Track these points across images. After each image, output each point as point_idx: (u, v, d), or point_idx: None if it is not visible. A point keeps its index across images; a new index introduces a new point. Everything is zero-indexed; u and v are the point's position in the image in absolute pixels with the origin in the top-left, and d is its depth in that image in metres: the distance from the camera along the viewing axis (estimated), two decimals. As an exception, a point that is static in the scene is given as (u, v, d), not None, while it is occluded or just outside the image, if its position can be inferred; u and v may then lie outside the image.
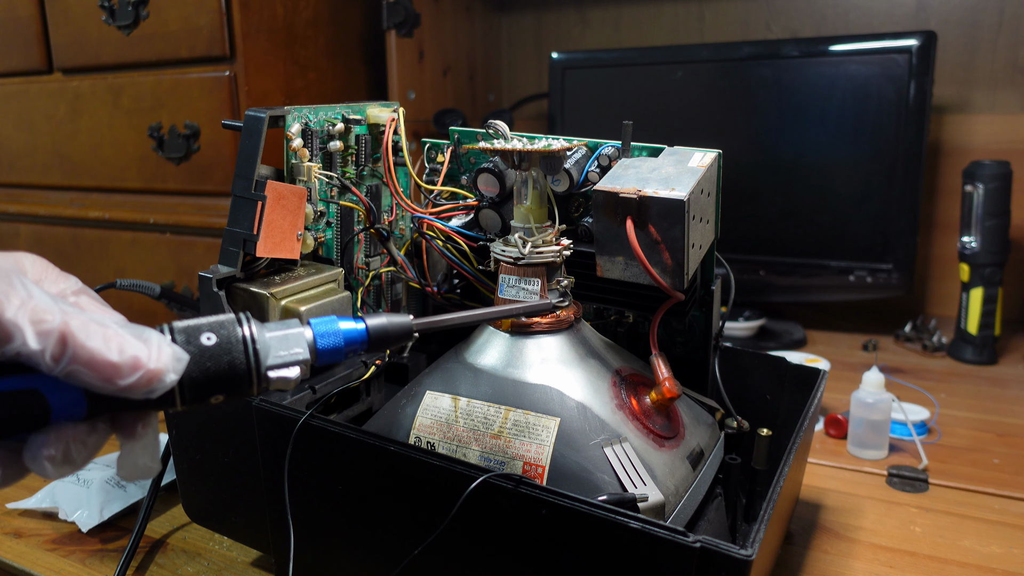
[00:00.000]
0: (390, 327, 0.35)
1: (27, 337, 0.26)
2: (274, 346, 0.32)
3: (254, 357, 0.31)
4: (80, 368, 0.27)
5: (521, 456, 0.47)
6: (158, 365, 0.28)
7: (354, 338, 0.34)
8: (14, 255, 0.31)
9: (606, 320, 0.62)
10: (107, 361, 0.27)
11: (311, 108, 0.57)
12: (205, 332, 0.31)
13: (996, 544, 0.61)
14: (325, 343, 0.34)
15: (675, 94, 1.15)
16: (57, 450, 0.28)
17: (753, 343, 1.09)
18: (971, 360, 1.03)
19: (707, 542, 0.37)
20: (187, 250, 1.11)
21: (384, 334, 0.35)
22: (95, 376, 0.28)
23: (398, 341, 0.36)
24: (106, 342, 0.28)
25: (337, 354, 0.34)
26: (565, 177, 0.54)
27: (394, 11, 1.16)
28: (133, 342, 0.28)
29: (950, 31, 1.16)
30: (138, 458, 0.31)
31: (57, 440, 0.29)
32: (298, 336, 0.33)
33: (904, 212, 1.04)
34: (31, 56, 1.19)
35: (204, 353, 0.30)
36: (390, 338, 0.36)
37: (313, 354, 0.33)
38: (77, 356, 0.27)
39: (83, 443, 0.29)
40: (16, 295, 0.27)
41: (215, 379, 0.30)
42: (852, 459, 0.76)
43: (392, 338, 0.36)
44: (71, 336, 0.27)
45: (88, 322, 0.28)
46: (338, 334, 0.34)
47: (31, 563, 0.60)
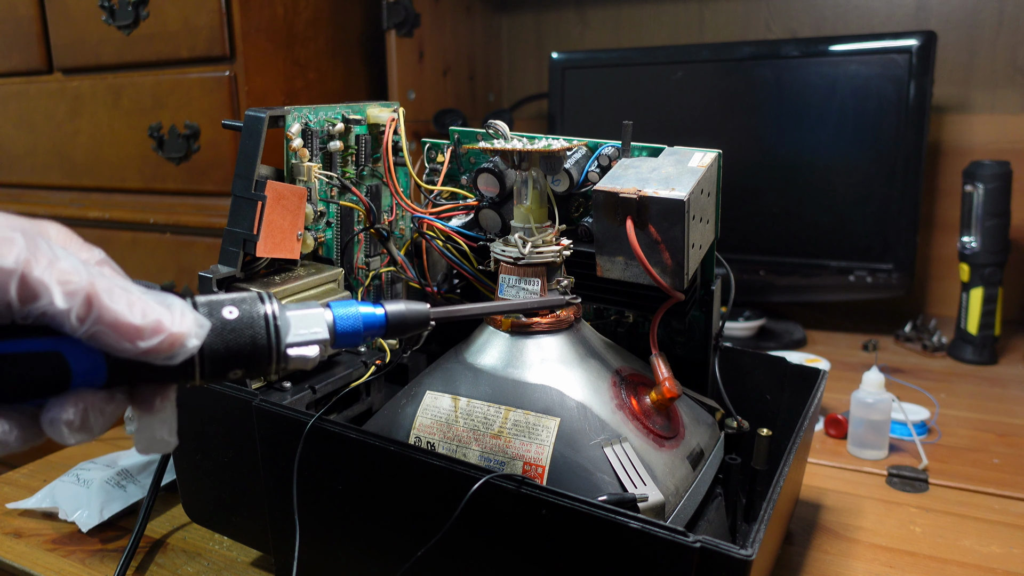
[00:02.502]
0: (408, 314, 0.36)
1: (54, 296, 0.27)
2: (295, 324, 0.33)
3: (275, 334, 0.31)
4: (104, 329, 0.28)
5: (521, 456, 0.47)
6: (180, 329, 0.29)
7: (373, 322, 0.35)
8: (39, 222, 0.31)
9: (606, 320, 0.62)
10: (130, 323, 0.28)
11: (311, 108, 0.57)
12: (227, 306, 0.31)
13: (996, 544, 0.61)
14: (344, 325, 0.34)
15: (675, 94, 1.15)
16: (75, 415, 0.29)
17: (753, 343, 1.09)
18: (971, 360, 1.03)
19: (707, 542, 0.37)
20: (187, 250, 1.11)
21: (402, 320, 0.36)
22: (118, 338, 0.28)
23: (415, 328, 0.36)
24: (130, 305, 0.28)
25: (355, 337, 0.34)
26: (565, 177, 0.54)
27: (394, 11, 1.16)
28: (156, 307, 0.29)
29: (950, 31, 1.16)
30: (156, 431, 0.31)
31: (76, 405, 0.29)
32: (318, 317, 0.33)
33: (904, 212, 1.04)
34: (31, 56, 1.19)
35: (226, 326, 0.31)
36: (408, 324, 0.36)
37: (332, 335, 0.34)
38: (102, 317, 0.27)
39: (101, 411, 0.30)
40: (43, 255, 0.27)
41: (236, 353, 0.31)
42: (852, 459, 0.76)
43: (410, 325, 0.36)
44: (96, 297, 0.27)
45: (113, 286, 0.28)
46: (357, 317, 0.34)
47: (31, 563, 0.60)
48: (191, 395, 0.54)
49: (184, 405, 0.55)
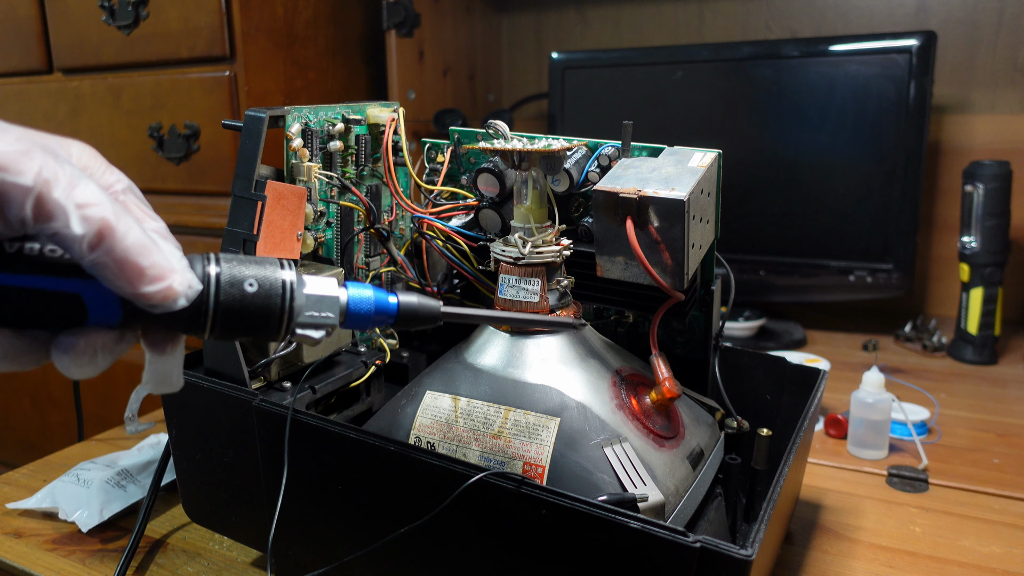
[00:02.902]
0: (420, 307, 0.36)
1: (71, 220, 0.27)
2: (309, 305, 0.33)
3: (288, 313, 0.32)
4: (109, 262, 0.28)
5: (521, 456, 0.47)
6: (176, 287, 0.29)
7: (384, 309, 0.36)
8: (63, 140, 0.30)
9: (606, 320, 0.62)
10: (136, 264, 0.28)
11: (311, 108, 0.57)
12: (249, 279, 0.32)
13: (996, 544, 0.61)
14: (356, 309, 0.35)
15: (675, 94, 1.15)
16: (84, 352, 0.29)
17: (753, 343, 1.09)
18: (971, 360, 1.03)
19: (707, 542, 0.37)
20: (187, 250, 1.11)
21: (413, 312, 0.36)
22: (119, 275, 0.28)
23: (424, 323, 0.37)
24: (140, 246, 0.28)
25: (365, 321, 0.35)
26: (565, 177, 0.54)
27: (394, 11, 1.16)
28: (164, 255, 0.29)
29: (950, 31, 1.16)
30: (165, 371, 0.32)
31: (87, 344, 0.29)
32: (333, 302, 0.34)
33: (904, 212, 1.04)
34: (31, 56, 1.19)
35: (245, 299, 0.31)
36: (418, 318, 0.37)
37: (342, 317, 0.35)
38: (112, 250, 0.27)
39: (110, 350, 0.30)
40: (64, 176, 0.27)
41: (248, 322, 0.32)
42: (852, 459, 0.76)
43: (420, 318, 0.37)
44: (111, 231, 0.27)
45: (131, 223, 0.28)
46: (370, 301, 0.35)
47: (31, 563, 0.60)
48: (191, 395, 0.54)
49: (184, 405, 0.55)
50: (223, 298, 0.31)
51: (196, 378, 0.53)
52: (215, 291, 0.31)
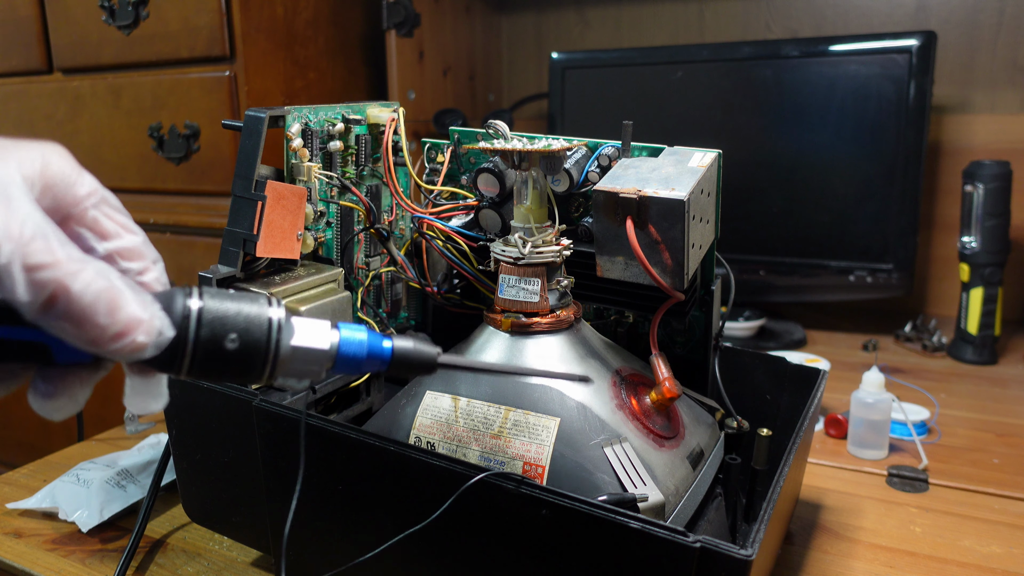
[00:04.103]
0: (415, 355, 0.35)
1: (16, 286, 0.24)
2: (295, 358, 0.32)
3: (269, 371, 0.31)
4: (65, 325, 0.25)
5: (521, 456, 0.47)
6: (146, 339, 0.27)
7: (377, 355, 0.34)
8: (28, 151, 0.28)
9: (606, 320, 0.62)
10: (95, 323, 0.26)
11: (311, 108, 0.57)
12: (231, 334, 0.30)
13: (996, 544, 0.61)
14: (347, 354, 0.33)
15: (675, 94, 1.15)
16: (63, 397, 0.28)
17: (753, 343, 1.09)
18: (971, 360, 1.03)
19: (707, 542, 0.37)
20: (187, 250, 1.11)
21: (407, 360, 0.35)
22: (77, 335, 0.26)
23: (419, 371, 0.35)
24: (98, 303, 0.26)
25: (355, 368, 0.34)
26: (565, 177, 0.54)
27: (394, 11, 1.16)
28: (130, 304, 0.27)
29: (950, 31, 1.16)
30: (144, 398, 0.31)
31: (64, 388, 0.28)
32: (320, 355, 0.32)
33: (904, 212, 1.04)
34: (31, 56, 1.19)
35: (223, 351, 0.30)
36: (412, 366, 0.35)
37: (331, 363, 0.33)
38: (66, 312, 0.25)
39: (87, 383, 0.29)
40: (15, 226, 0.24)
41: (225, 374, 0.30)
42: (852, 459, 0.76)
43: (414, 366, 0.35)
44: (64, 292, 0.25)
45: (89, 277, 0.26)
46: (362, 347, 0.33)
47: (31, 563, 0.60)
48: (191, 395, 0.54)
49: (184, 405, 0.55)
50: (200, 348, 0.29)
51: (196, 378, 0.53)
52: (193, 337, 0.29)
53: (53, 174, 0.28)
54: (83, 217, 0.29)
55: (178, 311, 0.29)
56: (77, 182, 0.29)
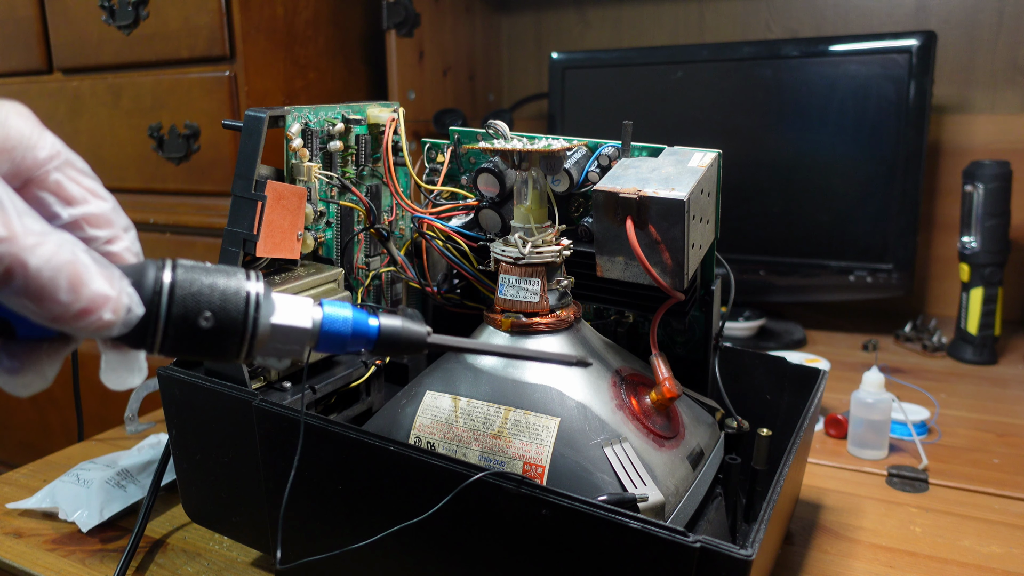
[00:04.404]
0: (402, 333, 0.33)
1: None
2: (274, 336, 0.30)
3: (247, 348, 0.29)
4: (24, 301, 0.24)
5: (521, 456, 0.47)
6: (112, 317, 0.26)
7: (361, 332, 0.32)
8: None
9: (606, 320, 0.62)
10: (56, 299, 0.24)
11: (311, 108, 0.57)
12: (206, 311, 0.28)
13: (996, 544, 0.61)
14: (330, 331, 0.32)
15: (675, 94, 1.15)
16: (30, 372, 0.27)
17: (753, 343, 1.09)
18: (971, 360, 1.03)
19: (707, 542, 0.37)
20: (187, 250, 1.11)
21: (395, 338, 0.33)
22: (38, 312, 0.24)
23: (408, 350, 0.34)
24: (59, 279, 0.24)
25: (340, 346, 0.32)
26: (565, 177, 0.54)
27: (394, 11, 1.16)
28: (95, 279, 0.25)
29: (950, 31, 1.16)
30: (120, 374, 0.30)
31: (31, 364, 0.27)
32: (301, 333, 0.31)
33: (904, 212, 1.04)
34: (31, 56, 1.19)
35: (197, 332, 0.28)
36: (400, 344, 0.33)
37: (313, 342, 0.31)
38: (24, 288, 0.24)
39: (55, 358, 0.28)
40: None
41: (200, 351, 0.29)
42: (852, 459, 0.76)
43: (402, 345, 0.33)
44: (21, 266, 0.23)
45: (49, 251, 0.24)
46: (347, 324, 0.32)
47: (31, 563, 0.60)
48: (191, 395, 0.54)
49: (184, 405, 0.55)
50: (172, 323, 0.28)
51: (196, 378, 0.53)
52: (165, 313, 0.27)
53: (10, 136, 0.26)
54: (45, 181, 0.27)
55: (149, 286, 0.27)
56: (38, 144, 0.27)
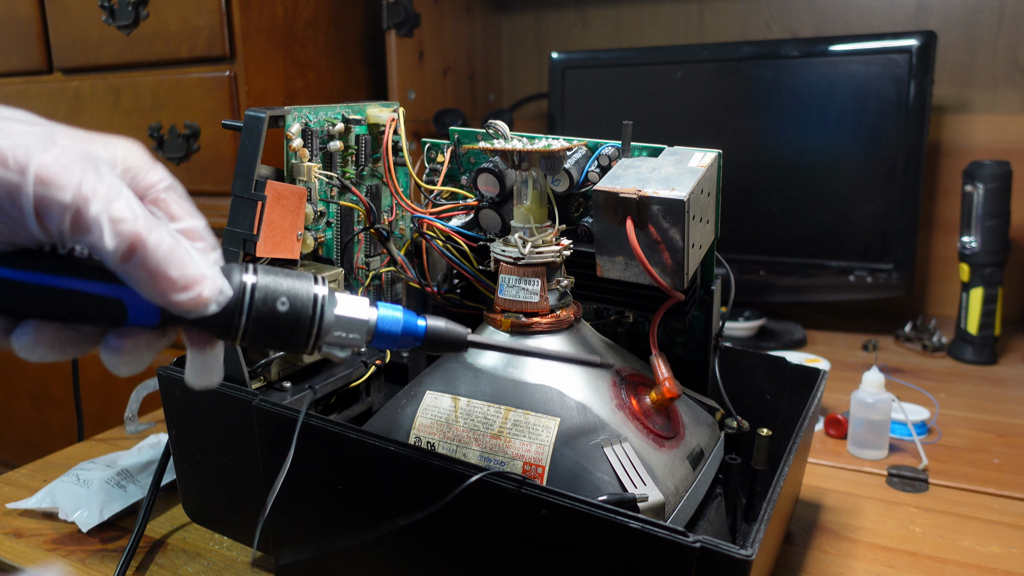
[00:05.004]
0: (447, 334, 0.38)
1: (104, 235, 0.28)
2: (338, 325, 0.35)
3: (317, 332, 0.34)
4: (141, 273, 0.29)
5: (521, 456, 0.47)
6: (207, 294, 0.31)
7: (411, 332, 0.37)
8: (110, 142, 0.32)
9: (606, 320, 0.62)
10: (166, 274, 0.30)
11: (311, 108, 0.57)
12: (282, 298, 0.33)
13: (996, 544, 0.61)
14: (384, 330, 0.36)
15: (675, 94, 1.15)
16: (131, 352, 0.32)
17: (753, 343, 1.09)
18: (971, 360, 1.03)
19: (707, 542, 0.37)
20: (187, 250, 1.11)
21: (440, 338, 0.38)
22: (151, 284, 0.30)
23: (450, 348, 0.38)
24: (171, 257, 0.30)
25: (392, 343, 0.37)
26: (565, 177, 0.54)
27: (394, 11, 1.16)
28: (195, 263, 0.31)
29: (950, 31, 1.16)
30: (207, 366, 0.34)
31: (133, 345, 0.32)
32: (362, 324, 0.35)
33: (904, 212, 1.04)
34: (31, 56, 1.19)
35: (275, 317, 0.33)
36: (444, 343, 0.38)
37: (370, 337, 0.36)
38: (143, 262, 0.29)
39: (153, 347, 0.33)
40: (102, 190, 0.28)
41: (277, 336, 0.34)
42: (852, 459, 0.76)
43: (446, 344, 0.38)
44: (141, 243, 0.29)
45: (162, 234, 0.30)
46: (398, 324, 0.36)
47: (31, 563, 0.60)
48: (191, 395, 0.54)
49: (184, 405, 0.55)
50: (254, 312, 0.33)
51: (196, 378, 0.53)
52: (248, 303, 0.32)
53: (131, 160, 0.32)
54: (155, 200, 0.33)
55: (235, 281, 0.33)
56: (150, 170, 0.33)
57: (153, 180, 0.33)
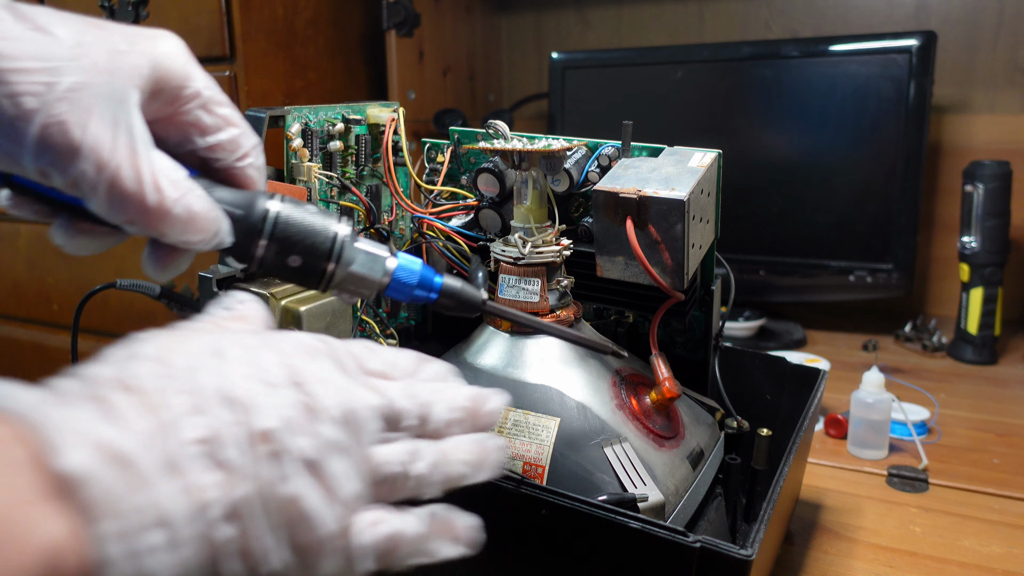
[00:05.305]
0: (462, 292, 0.37)
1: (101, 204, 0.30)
2: (358, 259, 0.35)
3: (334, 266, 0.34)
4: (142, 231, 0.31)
5: (521, 456, 0.47)
6: (208, 240, 0.32)
7: (427, 284, 0.37)
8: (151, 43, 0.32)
9: (606, 320, 0.62)
10: (166, 234, 0.31)
11: (311, 108, 0.57)
12: (294, 255, 0.34)
13: (996, 544, 0.61)
14: (401, 276, 0.36)
15: (675, 94, 1.15)
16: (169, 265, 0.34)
17: (753, 343, 1.09)
18: (971, 360, 1.03)
19: (707, 542, 0.37)
20: (187, 250, 1.11)
21: (455, 295, 0.37)
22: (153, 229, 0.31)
23: (464, 309, 0.38)
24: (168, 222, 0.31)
25: (407, 291, 0.36)
26: (565, 177, 0.54)
27: (394, 11, 1.16)
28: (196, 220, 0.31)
29: (950, 31, 1.16)
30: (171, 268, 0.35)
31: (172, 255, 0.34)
32: (381, 261, 0.36)
33: (904, 212, 1.04)
34: (31, 56, 1.18)
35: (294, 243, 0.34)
36: (459, 302, 0.37)
37: (387, 279, 0.36)
38: (141, 227, 0.31)
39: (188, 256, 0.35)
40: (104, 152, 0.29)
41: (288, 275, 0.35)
42: (852, 459, 0.76)
43: (461, 303, 0.37)
44: (141, 215, 0.30)
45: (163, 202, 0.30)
46: (415, 274, 0.36)
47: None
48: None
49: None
50: (275, 239, 0.33)
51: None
52: (271, 230, 0.33)
53: (161, 78, 0.32)
54: (186, 115, 0.33)
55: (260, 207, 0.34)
56: (185, 85, 0.32)
57: (186, 95, 0.32)
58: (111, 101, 0.29)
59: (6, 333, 1.29)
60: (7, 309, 1.28)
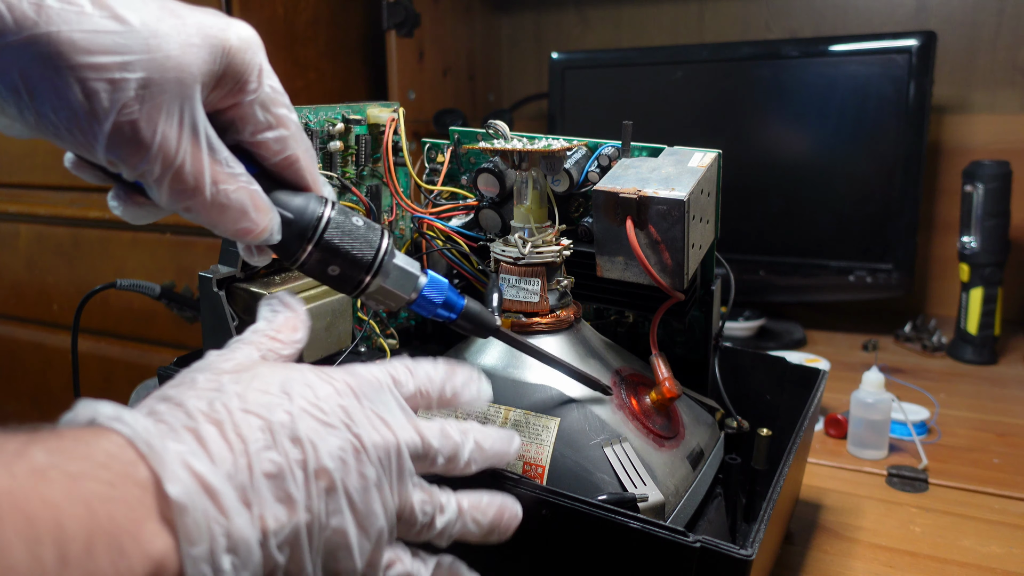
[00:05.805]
0: (480, 315, 0.41)
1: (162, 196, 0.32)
2: (394, 272, 0.38)
3: (372, 275, 0.37)
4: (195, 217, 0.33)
5: (521, 456, 0.47)
6: (260, 235, 0.34)
7: (451, 304, 0.40)
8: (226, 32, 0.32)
9: (606, 320, 0.62)
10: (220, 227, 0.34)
11: (311, 108, 0.57)
12: (334, 265, 0.36)
13: (996, 544, 0.61)
14: (429, 294, 0.39)
15: (675, 94, 1.15)
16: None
17: (753, 343, 1.09)
18: (971, 360, 1.03)
19: (707, 542, 0.37)
20: (187, 250, 1.11)
21: (473, 317, 0.41)
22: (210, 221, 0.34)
23: (478, 331, 0.42)
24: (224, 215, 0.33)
25: (431, 308, 0.40)
26: (565, 177, 0.54)
27: (394, 11, 1.16)
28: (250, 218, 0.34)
29: (950, 31, 1.16)
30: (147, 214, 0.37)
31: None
32: (413, 279, 0.39)
33: (904, 212, 1.04)
34: (31, 56, 1.18)
35: (330, 263, 0.36)
36: (475, 324, 0.41)
37: (415, 294, 0.39)
38: (196, 216, 0.33)
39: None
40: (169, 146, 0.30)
41: (326, 280, 0.37)
42: (852, 459, 0.76)
43: (476, 325, 0.41)
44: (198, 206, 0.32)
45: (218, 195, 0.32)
46: (442, 294, 0.40)
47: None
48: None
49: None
50: (322, 244, 0.35)
51: (196, 378, 0.53)
52: (319, 235, 0.35)
53: (226, 72, 0.32)
54: (241, 108, 0.34)
55: (311, 213, 0.36)
56: (248, 79, 0.33)
57: (247, 88, 0.33)
58: (179, 98, 0.30)
59: (6, 333, 1.29)
60: (7, 309, 1.28)
